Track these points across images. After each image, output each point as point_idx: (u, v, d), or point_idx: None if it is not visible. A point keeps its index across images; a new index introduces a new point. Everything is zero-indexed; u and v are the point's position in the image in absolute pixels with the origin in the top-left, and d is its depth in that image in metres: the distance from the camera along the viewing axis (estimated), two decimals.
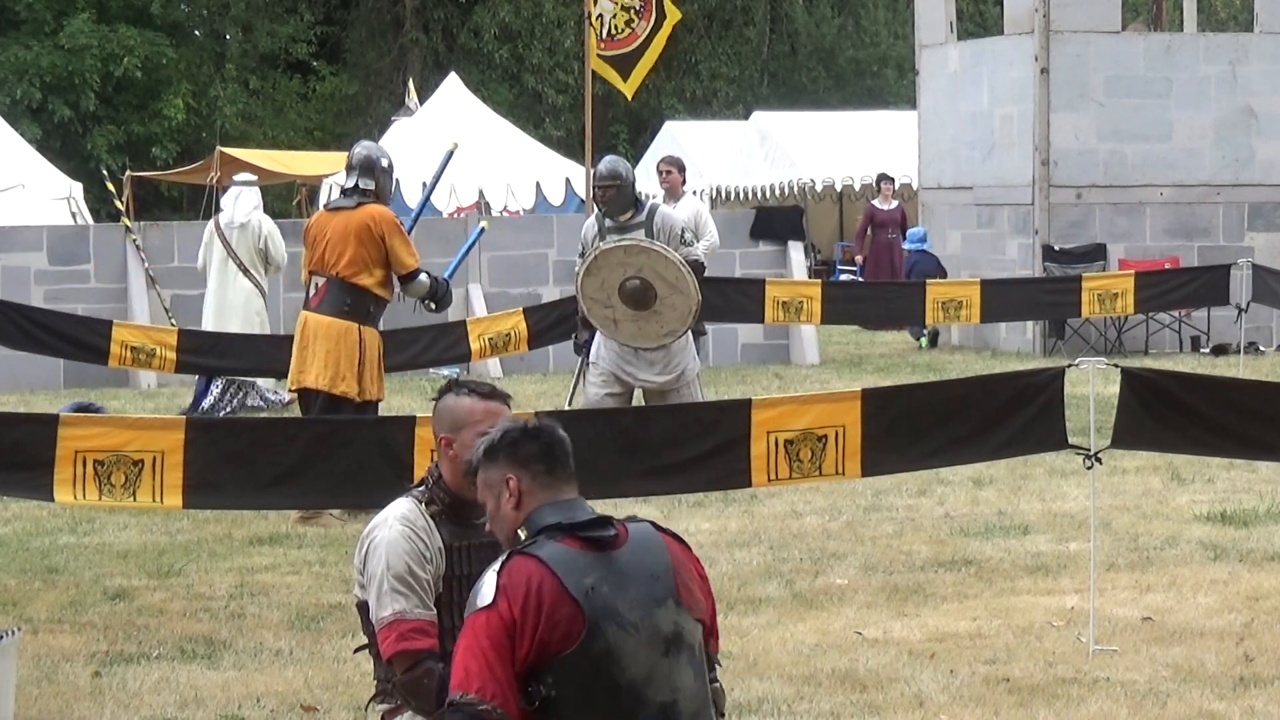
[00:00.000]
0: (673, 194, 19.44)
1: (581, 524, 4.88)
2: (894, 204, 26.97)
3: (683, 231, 12.68)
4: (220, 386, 17.78)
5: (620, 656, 4.80)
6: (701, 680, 4.95)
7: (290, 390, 12.17)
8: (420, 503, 5.80)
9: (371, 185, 12.02)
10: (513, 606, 4.75)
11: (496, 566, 4.84)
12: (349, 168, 12.13)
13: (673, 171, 17.35)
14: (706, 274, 19.07)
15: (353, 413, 11.54)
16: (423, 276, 12.08)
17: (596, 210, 12.84)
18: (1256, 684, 7.86)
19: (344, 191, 12.11)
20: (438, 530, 5.78)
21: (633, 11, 16.41)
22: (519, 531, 5.04)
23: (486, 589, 4.79)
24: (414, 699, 5.58)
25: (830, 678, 8.02)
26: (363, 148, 12.37)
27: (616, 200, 12.53)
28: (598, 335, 12.60)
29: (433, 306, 12.39)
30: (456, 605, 5.64)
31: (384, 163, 12.09)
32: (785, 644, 8.61)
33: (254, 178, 19.00)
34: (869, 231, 26.86)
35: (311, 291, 11.93)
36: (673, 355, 12.39)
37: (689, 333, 12.62)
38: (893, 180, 27.73)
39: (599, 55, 15.84)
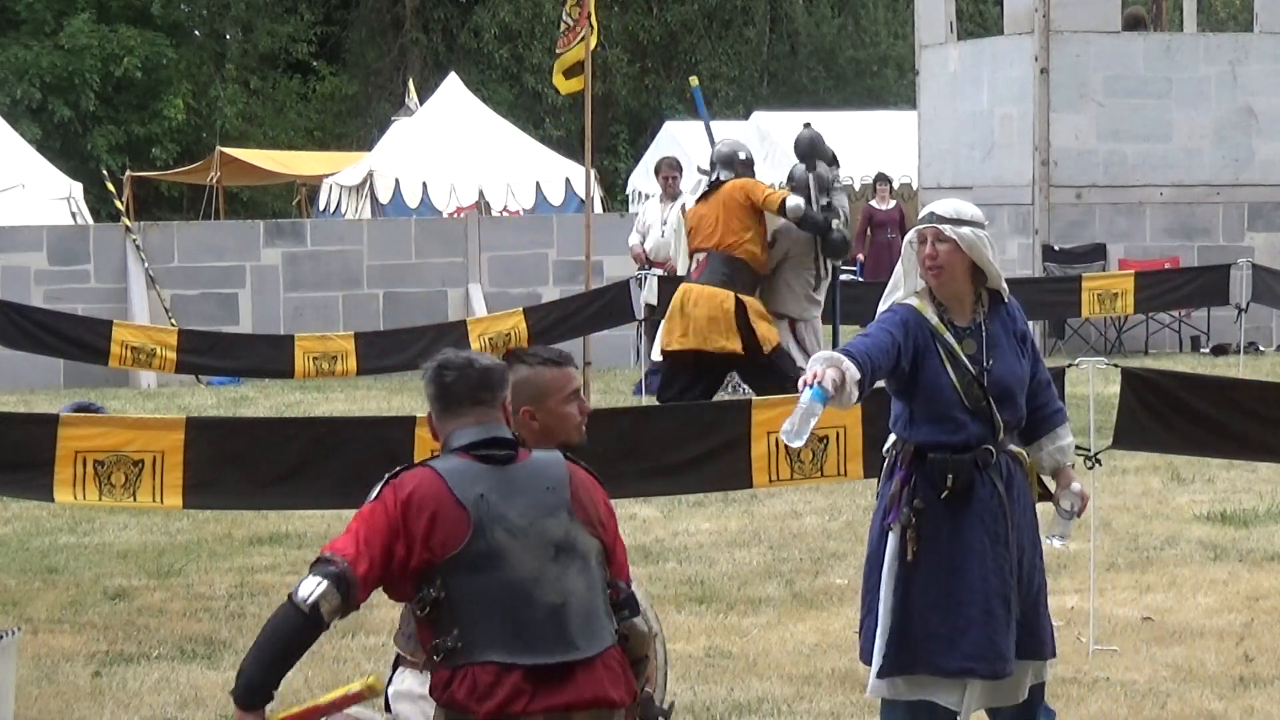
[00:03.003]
0: (670, 195, 19.58)
1: (476, 442, 5.26)
2: (891, 203, 26.94)
3: None
4: None
5: (507, 557, 5.13)
6: (594, 590, 5.22)
7: (663, 351, 13.78)
8: None
9: (730, 176, 13.26)
10: (397, 502, 5.15)
11: (388, 475, 5.24)
12: (712, 164, 13.47)
13: (676, 175, 18.23)
14: None
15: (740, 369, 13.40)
16: (791, 200, 13.20)
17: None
18: (1256, 684, 7.86)
19: (710, 184, 13.40)
20: None
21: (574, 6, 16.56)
22: None
23: (374, 491, 5.21)
24: None
25: (830, 678, 8.02)
26: (724, 144, 13.73)
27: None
28: None
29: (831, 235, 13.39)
30: None
31: (741, 155, 13.38)
32: (785, 644, 8.61)
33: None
34: (868, 232, 26.85)
35: (692, 266, 13.39)
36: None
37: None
38: (889, 180, 27.71)
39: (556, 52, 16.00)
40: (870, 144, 31.73)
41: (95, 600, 9.71)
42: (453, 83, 31.48)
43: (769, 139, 33.44)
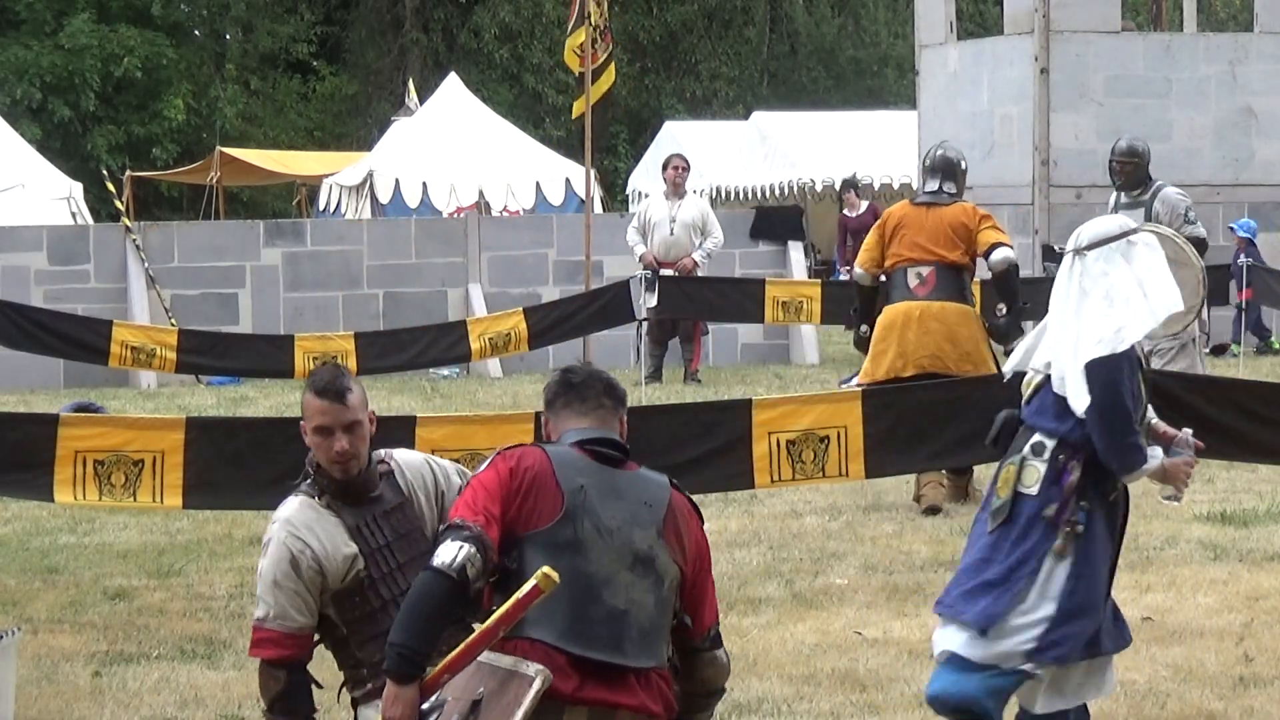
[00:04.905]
0: (676, 192, 19.55)
1: (590, 439, 5.37)
2: (864, 206, 26.75)
3: (1186, 210, 13.71)
4: None
5: (587, 550, 5.20)
6: (661, 610, 5.30)
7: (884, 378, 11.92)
8: (312, 495, 5.98)
9: (953, 189, 12.23)
10: (506, 469, 5.25)
11: (498, 450, 5.36)
12: (930, 170, 12.37)
13: (683, 168, 18.80)
14: (706, 274, 19.28)
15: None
16: (1000, 253, 12.10)
17: (1111, 181, 14.13)
18: (1256, 684, 7.85)
19: (930, 193, 12.26)
20: (340, 515, 5.98)
21: (597, 33, 16.54)
22: None
23: (486, 461, 5.31)
24: (261, 692, 5.98)
25: (830, 678, 8.02)
26: (943, 149, 12.62)
27: (1133, 175, 13.85)
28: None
29: (1002, 311, 12.21)
30: (389, 575, 5.97)
31: (962, 166, 12.42)
32: (785, 644, 8.61)
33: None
34: (847, 241, 26.64)
35: (915, 281, 11.99)
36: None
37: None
38: (854, 185, 27.54)
39: (576, 53, 15.92)
40: (870, 144, 31.74)
41: (95, 600, 9.71)
42: (453, 83, 31.50)
43: (769, 139, 33.46)
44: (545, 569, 5.04)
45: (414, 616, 5.10)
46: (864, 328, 12.32)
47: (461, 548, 5.09)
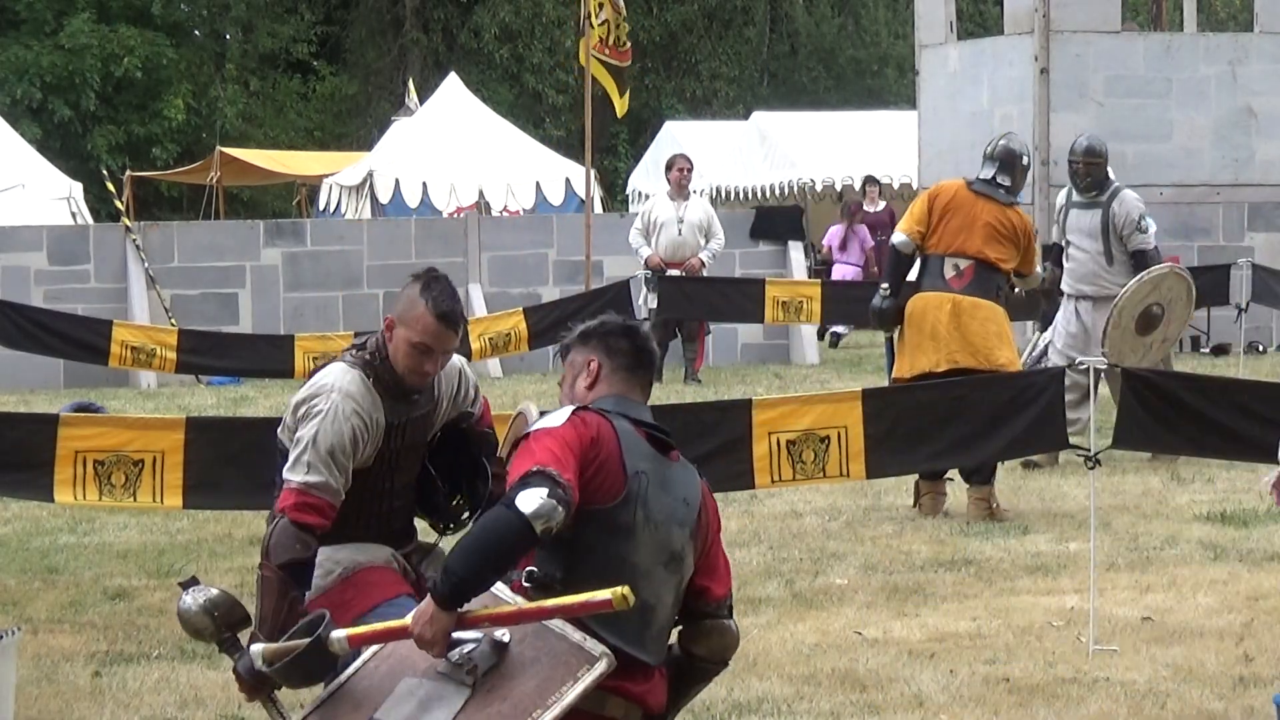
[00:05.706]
0: (681, 193, 19.57)
1: (650, 423, 5.36)
2: (881, 205, 26.77)
3: (1140, 219, 13.59)
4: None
5: (634, 539, 5.21)
6: (674, 608, 5.36)
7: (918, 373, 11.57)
8: (368, 376, 5.91)
9: (1008, 181, 12.02)
10: (588, 435, 5.17)
11: (570, 408, 5.24)
12: (989, 157, 12.13)
13: (688, 169, 18.85)
14: (707, 274, 19.29)
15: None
16: (1037, 273, 12.26)
17: (1071, 182, 13.92)
18: (1256, 684, 7.85)
19: (984, 181, 12.04)
20: (383, 408, 5.91)
21: (621, 31, 16.43)
22: None
23: (559, 415, 5.19)
24: (272, 540, 5.76)
25: (830, 678, 8.02)
26: (1007, 140, 12.42)
27: (1095, 175, 13.72)
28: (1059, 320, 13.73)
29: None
30: (379, 477, 5.95)
31: (1024, 161, 12.22)
32: (785, 644, 8.61)
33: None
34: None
35: (952, 273, 11.78)
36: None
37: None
38: (878, 182, 27.55)
39: (597, 58, 15.79)
40: (870, 144, 31.72)
41: (95, 600, 9.71)
42: (453, 83, 31.49)
43: (769, 139, 33.45)
44: (624, 590, 4.93)
45: (483, 554, 4.99)
46: (885, 297, 11.99)
47: (556, 508, 4.97)
